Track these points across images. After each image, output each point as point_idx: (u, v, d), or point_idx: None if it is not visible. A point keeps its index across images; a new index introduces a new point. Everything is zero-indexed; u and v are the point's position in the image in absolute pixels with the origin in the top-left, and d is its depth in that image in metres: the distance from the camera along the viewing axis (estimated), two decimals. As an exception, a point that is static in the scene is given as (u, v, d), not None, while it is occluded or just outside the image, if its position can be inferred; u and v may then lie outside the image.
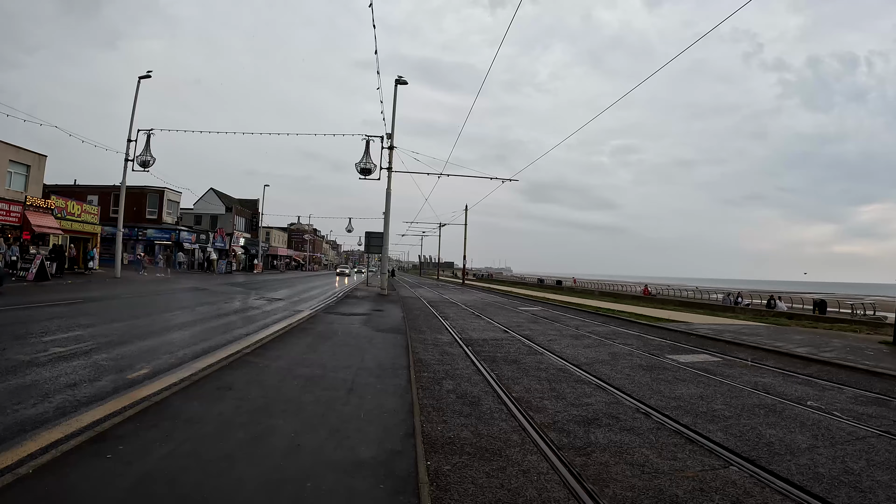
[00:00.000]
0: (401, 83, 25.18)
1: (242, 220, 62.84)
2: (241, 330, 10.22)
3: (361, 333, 10.06)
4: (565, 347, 10.18)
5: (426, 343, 9.62)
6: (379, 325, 11.44)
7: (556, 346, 10.22)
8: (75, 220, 32.26)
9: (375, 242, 30.00)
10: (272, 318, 12.49)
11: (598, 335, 12.55)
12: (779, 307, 28.19)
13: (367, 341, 9.09)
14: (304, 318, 12.38)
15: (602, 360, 8.96)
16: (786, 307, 26.98)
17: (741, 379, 8.03)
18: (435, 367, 7.34)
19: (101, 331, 9.06)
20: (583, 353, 9.56)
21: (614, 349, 10.38)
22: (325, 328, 10.66)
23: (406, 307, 17.69)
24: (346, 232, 58.61)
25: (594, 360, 8.91)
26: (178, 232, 42.56)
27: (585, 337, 12.06)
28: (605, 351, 10.05)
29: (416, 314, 15.63)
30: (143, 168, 27.92)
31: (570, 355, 9.27)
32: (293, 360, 7.14)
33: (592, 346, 10.69)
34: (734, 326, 16.05)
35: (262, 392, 5.44)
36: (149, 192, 42.64)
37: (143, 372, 6.47)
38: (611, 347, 10.59)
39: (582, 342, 11.15)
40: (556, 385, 6.80)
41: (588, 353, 9.61)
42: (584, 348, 10.26)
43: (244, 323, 11.39)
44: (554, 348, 9.96)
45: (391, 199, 26.40)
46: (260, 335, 9.49)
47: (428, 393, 5.81)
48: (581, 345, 10.71)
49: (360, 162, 24.24)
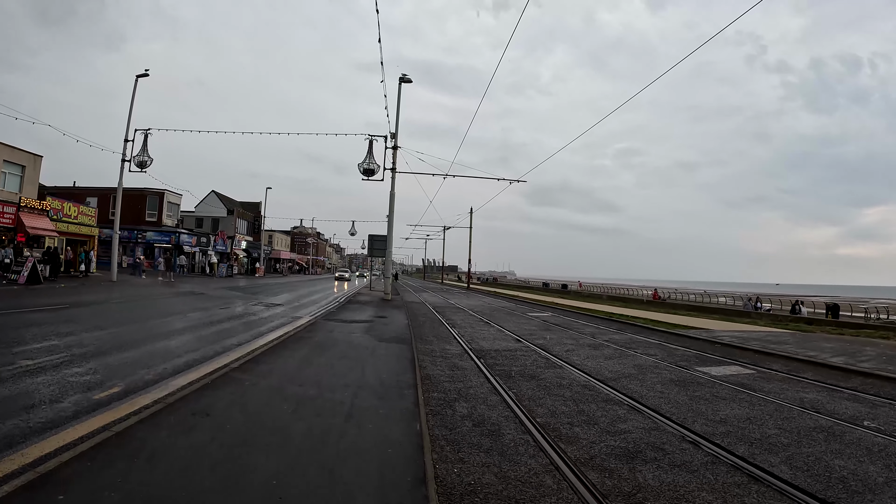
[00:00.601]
0: (405, 81, 24.46)
1: (244, 223, 62.20)
2: (232, 339, 9.42)
3: (363, 343, 9.24)
4: (585, 359, 9.34)
5: (434, 355, 8.78)
6: (382, 334, 10.61)
7: (576, 358, 9.37)
8: (72, 221, 31.58)
9: (378, 246, 29.21)
10: (268, 326, 11.69)
11: (616, 344, 11.70)
12: (802, 312, 27.27)
13: (368, 353, 8.27)
14: (302, 326, 11.57)
15: (628, 374, 8.11)
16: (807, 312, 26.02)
17: (784, 395, 7.22)
18: (445, 384, 6.50)
19: (79, 340, 8.29)
20: (605, 366, 8.72)
21: (638, 361, 9.53)
22: (324, 337, 9.85)
23: (411, 313, 16.86)
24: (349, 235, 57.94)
25: (620, 374, 8.06)
26: (178, 235, 41.89)
27: (604, 346, 11.21)
28: (628, 363, 9.20)
29: (422, 321, 14.80)
30: (140, 168, 27.28)
31: (593, 368, 8.43)
32: (285, 377, 6.33)
33: (614, 357, 9.84)
34: (757, 333, 15.17)
35: (245, 418, 4.63)
36: (148, 194, 42.02)
37: (113, 391, 5.67)
38: (634, 359, 9.74)
39: (601, 352, 10.30)
40: (583, 406, 5.95)
41: (611, 366, 8.76)
42: (605, 360, 9.41)
43: (238, 331, 10.59)
44: (573, 360, 9.12)
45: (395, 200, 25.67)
46: (252, 345, 8.67)
47: (439, 419, 4.97)
48: (601, 356, 9.86)
49: (363, 162, 23.48)
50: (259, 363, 7.04)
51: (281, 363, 7.10)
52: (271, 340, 9.25)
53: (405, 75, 24.53)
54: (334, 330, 11.01)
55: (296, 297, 22.13)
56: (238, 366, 6.83)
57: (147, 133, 27.51)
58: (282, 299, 20.55)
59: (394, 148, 23.65)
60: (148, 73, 28.64)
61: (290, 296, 23.01)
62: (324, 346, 8.80)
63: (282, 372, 6.56)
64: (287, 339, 9.53)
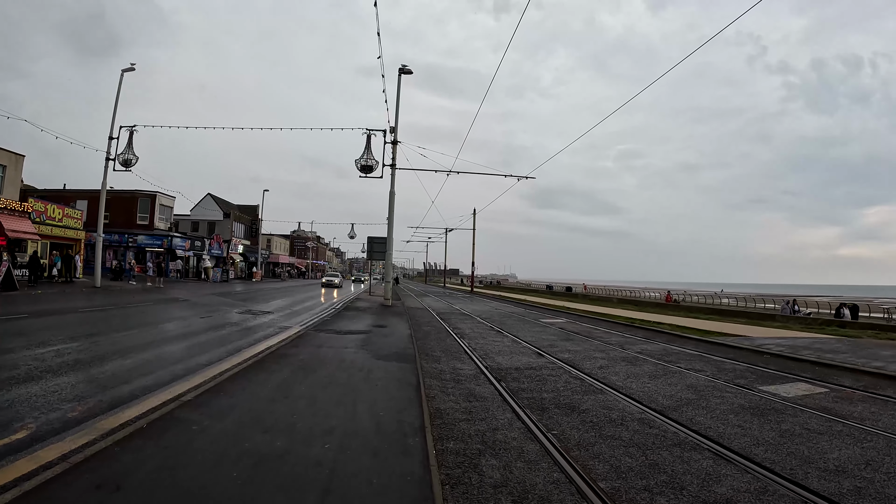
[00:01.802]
0: (405, 72, 22.93)
1: (242, 226, 60.66)
2: (201, 357, 7.83)
3: (356, 363, 7.62)
4: (626, 379, 7.72)
5: (443, 378, 7.14)
6: (380, 349, 8.99)
7: (614, 378, 7.75)
8: (56, 224, 30.10)
9: (378, 248, 27.59)
10: (249, 339, 10.10)
11: (653, 357, 10.08)
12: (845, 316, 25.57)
13: (362, 377, 6.66)
14: (288, 339, 9.98)
15: (687, 400, 6.50)
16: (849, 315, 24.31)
17: (882, 422, 5.80)
18: (463, 426, 4.86)
19: (12, 360, 6.73)
20: (654, 389, 7.10)
21: (688, 379, 7.92)
22: (311, 354, 8.24)
23: (413, 322, 15.24)
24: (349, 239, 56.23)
25: (677, 401, 6.45)
26: (170, 238, 40.32)
27: (640, 361, 9.59)
28: (678, 383, 7.58)
29: (426, 331, 13.17)
30: (125, 167, 25.75)
31: (641, 392, 6.82)
32: (250, 417, 4.72)
33: (658, 374, 8.22)
34: (802, 340, 13.53)
35: (171, 497, 3.04)
36: (140, 197, 40.50)
37: (15, 437, 4.14)
38: (682, 376, 8.12)
39: (641, 369, 8.68)
40: (654, 456, 4.34)
41: (661, 388, 7.14)
42: (649, 379, 7.79)
43: (211, 346, 9.00)
44: (612, 381, 7.50)
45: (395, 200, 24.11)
46: (221, 366, 7.07)
47: (464, 496, 3.34)
48: (643, 373, 8.24)
49: (361, 158, 21.92)
50: (220, 394, 5.44)
51: (248, 394, 5.49)
52: (246, 359, 7.65)
53: (405, 66, 23.01)
54: (325, 344, 9.40)
55: (289, 304, 20.53)
56: (193, 398, 5.23)
57: (132, 130, 25.96)
58: (273, 306, 18.95)
59: (393, 143, 22.10)
60: (134, 68, 27.17)
61: (283, 302, 21.41)
62: (308, 366, 7.20)
63: (246, 409, 4.96)
64: (266, 356, 7.93)
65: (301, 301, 22.93)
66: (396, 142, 22.06)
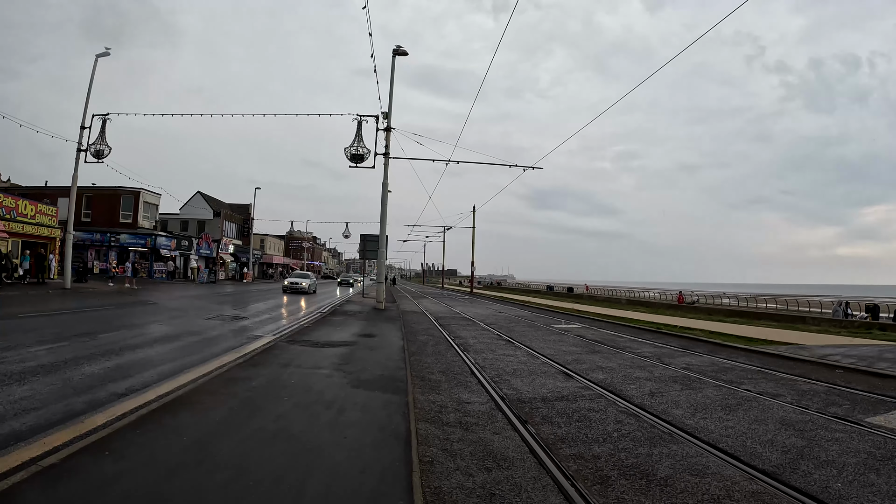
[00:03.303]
0: (399, 54, 20.90)
1: (233, 225, 58.52)
2: (122, 383, 5.79)
3: (326, 394, 5.56)
4: (696, 413, 5.67)
5: (445, 422, 4.99)
6: (362, 371, 6.93)
7: (679, 412, 5.71)
8: (28, 222, 27.97)
9: (372, 246, 25.55)
10: (204, 354, 8.05)
11: (706, 375, 8.05)
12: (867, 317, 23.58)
13: (328, 420, 4.60)
14: (249, 355, 7.92)
15: (796, 449, 4.50)
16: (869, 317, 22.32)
17: None
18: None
19: None
20: (740, 429, 5.07)
21: (772, 410, 5.90)
22: (270, 379, 6.19)
23: (408, 329, 13.17)
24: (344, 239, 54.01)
25: (785, 451, 4.45)
26: (154, 237, 38.18)
27: (696, 382, 7.54)
28: (765, 417, 5.56)
29: (423, 341, 11.09)
30: (97, 158, 23.73)
31: (727, 437, 4.79)
32: None
33: (731, 404, 6.17)
34: (865, 349, 11.51)
35: None
36: (123, 194, 38.38)
37: None
38: (761, 406, 6.10)
39: (703, 395, 6.65)
40: None
41: (748, 428, 5.11)
42: (724, 412, 5.76)
43: (150, 364, 6.96)
44: (679, 418, 5.46)
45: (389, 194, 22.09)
46: (129, 404, 5.03)
47: None
48: (711, 403, 6.20)
49: (351, 146, 19.87)
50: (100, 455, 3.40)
51: (142, 459, 3.45)
52: (177, 388, 5.60)
53: (399, 47, 20.99)
54: (293, 361, 7.34)
55: (271, 307, 18.46)
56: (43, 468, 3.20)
57: (105, 119, 23.93)
58: (253, 310, 16.88)
59: (387, 130, 20.05)
60: (109, 52, 25.12)
61: (265, 305, 19.33)
62: (258, 401, 5.14)
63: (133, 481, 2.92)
64: (209, 382, 5.88)
65: (286, 304, 20.86)
66: (390, 128, 20.03)
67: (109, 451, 3.64)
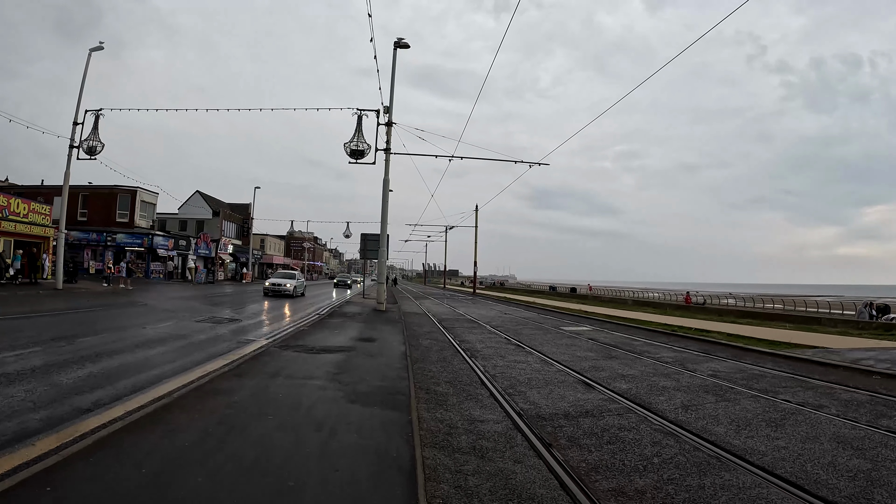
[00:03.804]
0: (401, 46, 20.21)
1: (233, 225, 57.88)
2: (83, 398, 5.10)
3: (317, 410, 4.85)
4: (740, 430, 4.94)
5: (456, 447, 4.21)
6: (360, 381, 6.21)
7: (720, 429, 4.98)
8: (20, 220, 27.30)
9: (373, 246, 24.80)
10: (187, 361, 7.36)
11: (737, 383, 7.32)
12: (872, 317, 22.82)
13: (318, 445, 3.88)
14: (236, 362, 7.22)
15: (863, 474, 3.78)
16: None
17: None
18: None
19: None
20: (793, 449, 4.35)
21: (820, 425, 5.18)
22: (256, 392, 5.48)
23: (410, 332, 12.45)
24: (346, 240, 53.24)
25: (852, 477, 3.74)
26: (151, 237, 37.52)
27: (728, 391, 6.82)
28: (815, 433, 4.84)
29: (426, 346, 10.36)
30: (89, 155, 23.09)
31: (781, 460, 4.07)
32: None
33: (774, 418, 5.45)
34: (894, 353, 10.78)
35: None
36: (119, 193, 37.74)
37: None
38: (807, 419, 5.38)
39: (741, 407, 5.92)
40: None
41: (800, 447, 4.39)
42: (769, 428, 5.04)
43: (125, 374, 6.27)
44: (722, 436, 4.74)
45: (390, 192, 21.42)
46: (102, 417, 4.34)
47: None
48: (752, 417, 5.47)
49: (351, 142, 19.17)
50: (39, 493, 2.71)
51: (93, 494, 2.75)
52: (151, 401, 4.90)
53: (401, 39, 20.30)
54: (284, 370, 6.63)
55: (267, 309, 17.76)
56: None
57: (98, 114, 23.30)
58: (248, 312, 16.19)
59: (388, 124, 19.35)
60: (102, 47, 24.49)
61: (261, 306, 18.63)
62: (240, 419, 4.44)
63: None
64: (187, 394, 5.17)
65: (281, 306, 20.16)
66: (391, 123, 19.32)
67: (52, 488, 2.96)
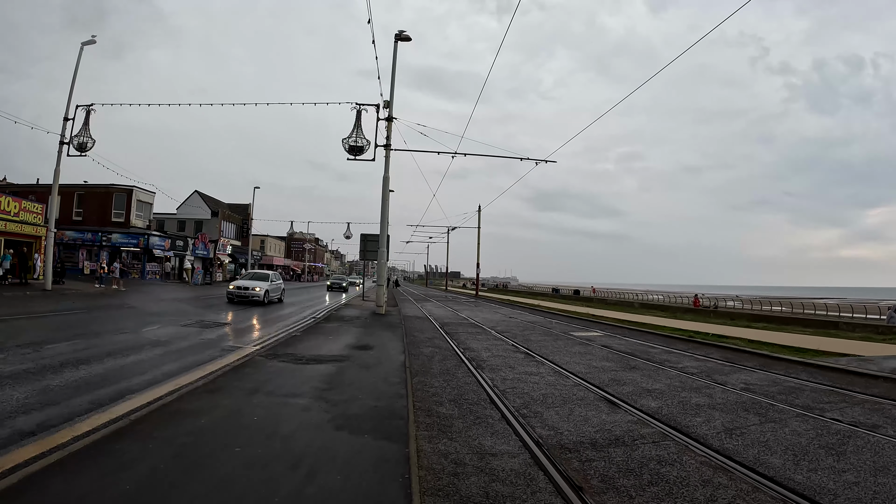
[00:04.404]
0: (402, 39, 19.43)
1: (232, 226, 57.15)
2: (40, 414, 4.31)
3: (297, 440, 4.03)
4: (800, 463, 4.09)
5: (465, 495, 3.22)
6: (351, 400, 5.39)
7: (777, 461, 4.14)
8: (10, 219, 26.56)
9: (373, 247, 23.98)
10: (158, 374, 6.56)
11: (777, 399, 6.47)
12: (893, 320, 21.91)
13: (289, 497, 3.08)
14: (214, 374, 6.41)
15: None
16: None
17: None
18: None
19: None
20: (873, 488, 3.53)
21: (885, 450, 4.35)
22: (228, 414, 4.67)
23: (410, 339, 11.62)
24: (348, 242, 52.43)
25: None
26: (147, 237, 36.77)
27: (765, 407, 5.98)
28: (891, 464, 4.02)
29: (427, 355, 9.50)
30: (80, 151, 22.32)
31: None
32: None
33: (834, 446, 4.60)
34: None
35: None
36: (115, 192, 37.01)
37: None
38: (869, 445, 4.54)
39: (791, 429, 5.08)
40: None
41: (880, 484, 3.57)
42: (832, 458, 4.20)
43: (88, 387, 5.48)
44: (780, 469, 3.90)
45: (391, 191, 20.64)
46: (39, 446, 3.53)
47: None
48: (808, 443, 4.62)
49: (349, 138, 18.38)
50: None
51: None
52: (103, 425, 4.10)
53: (402, 32, 19.51)
54: (265, 386, 5.81)
55: (258, 312, 16.95)
56: None
57: (89, 109, 22.56)
58: (238, 315, 15.39)
59: (388, 119, 18.56)
60: (95, 40, 23.82)
61: (252, 310, 17.81)
62: (197, 453, 3.63)
63: None
64: (148, 415, 4.36)
65: (272, 309, 19.35)
66: (391, 118, 18.53)
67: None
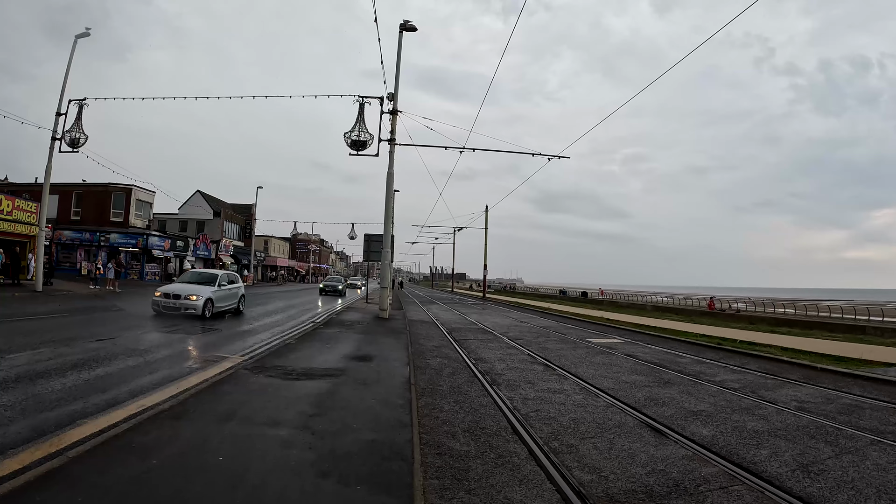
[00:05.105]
0: (407, 29, 18.49)
1: (235, 226, 56.43)
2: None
3: (267, 493, 3.06)
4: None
5: None
6: (343, 431, 4.41)
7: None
8: (3, 218, 25.83)
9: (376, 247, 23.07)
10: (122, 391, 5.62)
11: (837, 420, 5.44)
12: None
13: None
14: (185, 394, 5.45)
15: None
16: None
17: None
18: None
19: None
20: None
21: None
22: (189, 447, 3.71)
23: (416, 347, 10.61)
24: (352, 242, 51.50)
25: None
26: (146, 237, 36.01)
27: (833, 433, 4.95)
28: None
29: (436, 369, 8.45)
30: (72, 147, 21.50)
31: None
32: None
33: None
34: None
35: None
36: (114, 191, 36.30)
37: None
38: None
39: (871, 462, 4.08)
40: None
41: None
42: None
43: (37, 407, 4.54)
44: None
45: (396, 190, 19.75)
46: None
47: None
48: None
49: (352, 132, 17.45)
50: None
51: None
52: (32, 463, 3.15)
53: (407, 22, 18.58)
54: (241, 409, 4.85)
55: (254, 316, 16.02)
56: None
57: (82, 104, 21.74)
58: (229, 320, 14.47)
59: (392, 113, 17.62)
60: (89, 33, 23.04)
61: (247, 313, 16.88)
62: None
63: None
64: (93, 449, 3.41)
65: (276, 311, 18.43)
66: (396, 111, 17.59)
67: None
